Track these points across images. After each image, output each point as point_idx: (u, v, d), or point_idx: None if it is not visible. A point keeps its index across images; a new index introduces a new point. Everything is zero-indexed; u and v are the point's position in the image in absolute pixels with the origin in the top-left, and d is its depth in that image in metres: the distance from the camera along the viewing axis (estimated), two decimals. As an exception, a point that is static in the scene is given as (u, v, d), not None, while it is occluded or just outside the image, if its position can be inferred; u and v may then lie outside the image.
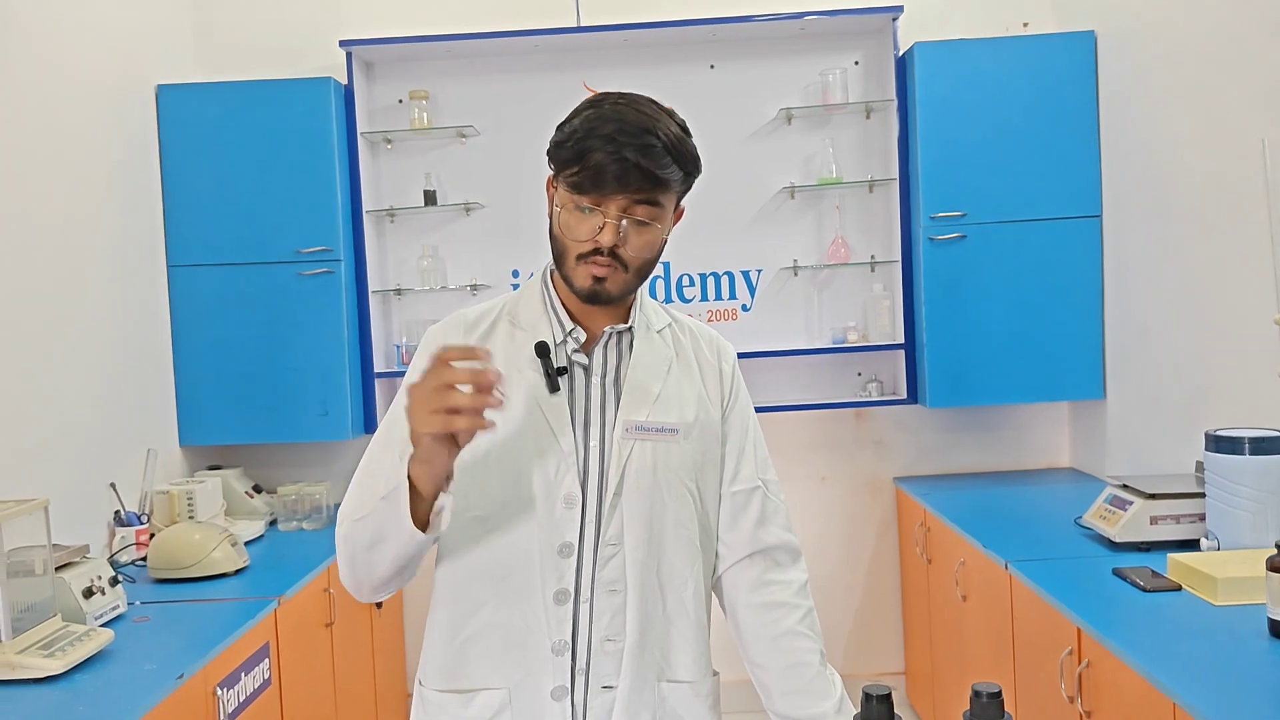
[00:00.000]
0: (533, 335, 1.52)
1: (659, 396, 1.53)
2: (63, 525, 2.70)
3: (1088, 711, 2.25)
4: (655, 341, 1.57)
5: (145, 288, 3.54)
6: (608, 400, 1.52)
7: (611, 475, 1.49)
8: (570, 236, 1.46)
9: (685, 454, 1.53)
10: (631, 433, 1.50)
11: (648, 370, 1.54)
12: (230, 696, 2.41)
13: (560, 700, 1.46)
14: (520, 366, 1.51)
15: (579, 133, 1.43)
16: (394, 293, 3.98)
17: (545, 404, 1.49)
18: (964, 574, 3.13)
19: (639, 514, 1.49)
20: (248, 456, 3.93)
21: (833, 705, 1.55)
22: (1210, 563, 2.33)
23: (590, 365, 1.54)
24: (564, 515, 1.47)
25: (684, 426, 1.53)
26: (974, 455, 4.05)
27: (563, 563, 1.47)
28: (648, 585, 1.49)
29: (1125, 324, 3.50)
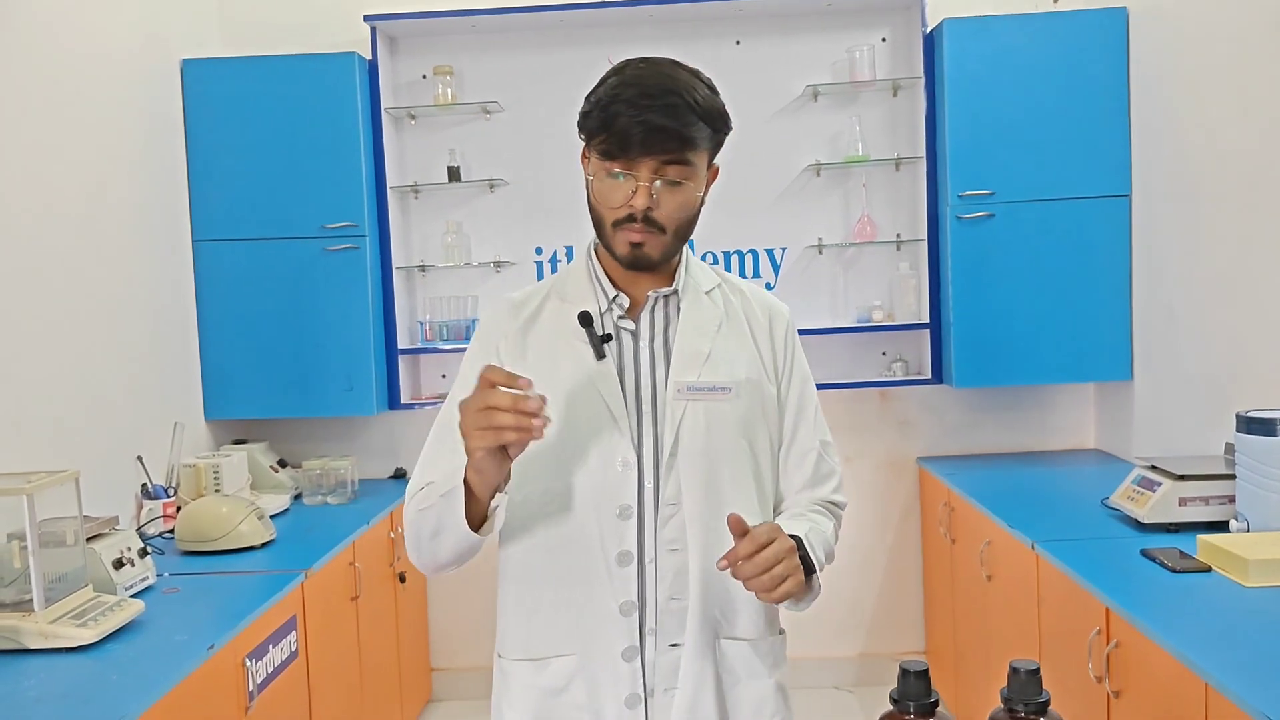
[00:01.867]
0: (578, 307, 1.55)
1: (709, 356, 1.54)
2: (91, 498, 2.71)
3: (1116, 691, 2.24)
4: (703, 302, 1.58)
5: (171, 262, 3.55)
6: (658, 363, 1.54)
7: (666, 437, 1.50)
8: (604, 204, 1.49)
9: (739, 413, 1.54)
10: (683, 393, 1.51)
11: (696, 331, 1.55)
12: (259, 668, 2.43)
13: (631, 661, 1.49)
14: (568, 339, 1.53)
15: (603, 100, 1.45)
16: (418, 269, 3.98)
17: (594, 372, 1.51)
18: (989, 554, 3.12)
19: (695, 473, 1.50)
20: (273, 431, 3.95)
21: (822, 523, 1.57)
22: (1240, 544, 2.31)
23: (638, 330, 1.55)
24: (621, 478, 1.49)
25: (735, 385, 1.54)
26: (999, 436, 4.03)
27: (623, 525, 1.49)
28: (709, 543, 1.49)
29: (1154, 305, 3.46)
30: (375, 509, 3.50)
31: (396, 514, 3.67)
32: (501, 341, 1.57)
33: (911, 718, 1.21)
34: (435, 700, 4.12)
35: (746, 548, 1.35)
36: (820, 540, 1.52)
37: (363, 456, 3.99)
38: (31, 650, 2.13)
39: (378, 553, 3.48)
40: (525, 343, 1.56)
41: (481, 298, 3.97)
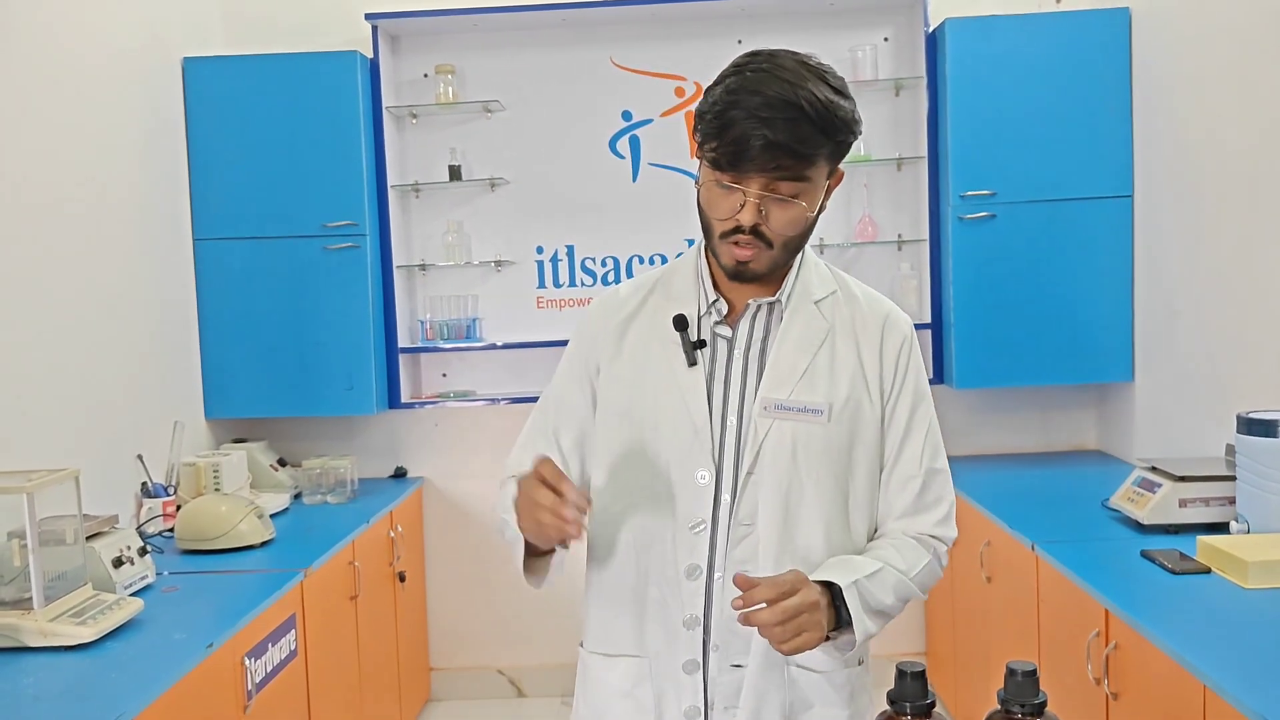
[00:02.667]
0: (679, 306, 1.51)
1: (805, 373, 1.47)
2: (91, 496, 2.71)
3: (1115, 693, 2.24)
4: (810, 313, 1.50)
5: (171, 260, 3.55)
6: (749, 375, 1.48)
7: (747, 454, 1.45)
8: (712, 214, 1.43)
9: (831, 437, 1.46)
10: (770, 411, 1.45)
11: (796, 345, 1.48)
12: (258, 667, 2.43)
13: (692, 674, 1.48)
14: (663, 341, 1.50)
15: (719, 104, 1.36)
16: (419, 268, 3.98)
17: (682, 378, 1.47)
18: (989, 555, 3.11)
19: (774, 495, 1.45)
20: (273, 430, 3.95)
21: (899, 564, 1.46)
22: (1240, 546, 2.31)
23: (733, 338, 1.50)
24: (697, 492, 1.46)
25: (830, 408, 1.46)
26: (999, 437, 4.02)
27: (695, 538, 1.46)
28: (781, 567, 1.43)
29: (1156, 306, 3.46)
30: (375, 508, 3.50)
31: (396, 513, 3.67)
32: (600, 335, 1.56)
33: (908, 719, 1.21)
34: (434, 700, 4.12)
35: (767, 591, 1.30)
36: (885, 585, 1.43)
37: (362, 456, 3.99)
38: (31, 648, 2.13)
39: (377, 552, 3.48)
40: (622, 341, 1.54)
41: (482, 297, 3.97)
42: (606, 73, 3.83)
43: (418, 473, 4.08)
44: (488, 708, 3.98)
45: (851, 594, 1.39)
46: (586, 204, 3.86)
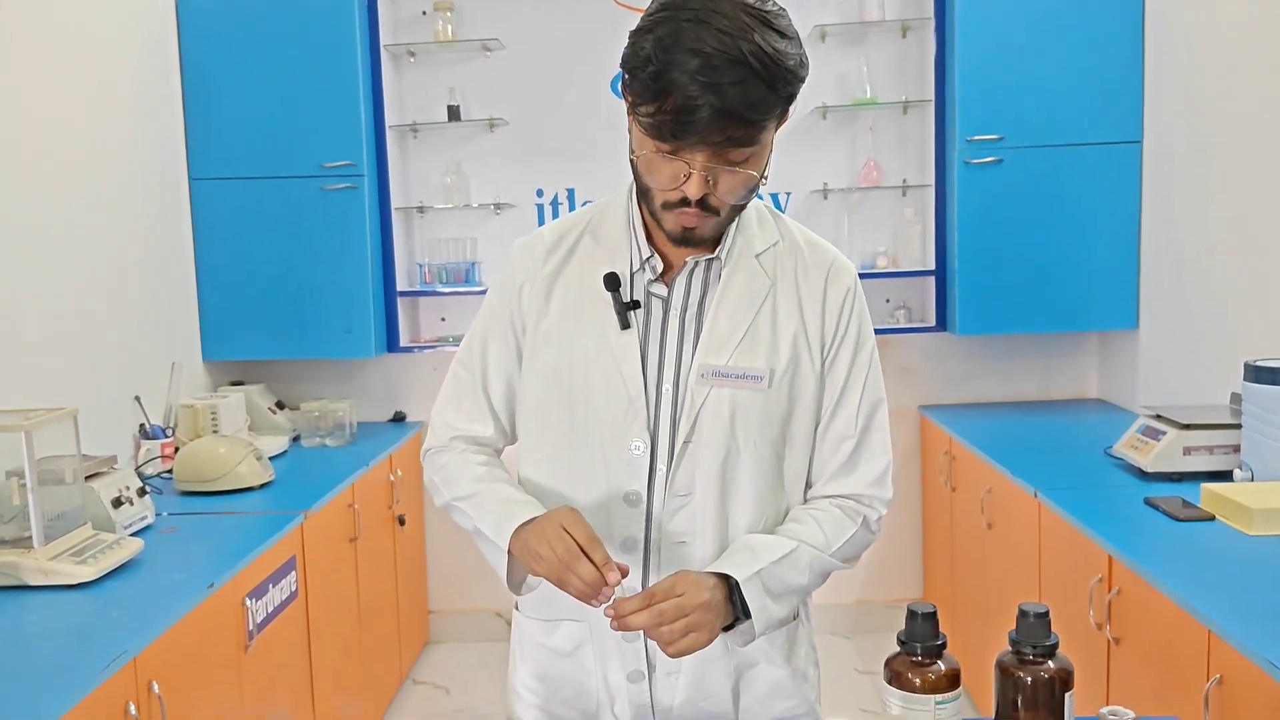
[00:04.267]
0: (610, 258, 1.41)
1: (745, 337, 1.37)
2: (89, 437, 2.69)
3: (1116, 638, 2.24)
4: (751, 270, 1.40)
5: (167, 201, 3.50)
6: (686, 338, 1.39)
7: (683, 423, 1.37)
8: (651, 183, 1.30)
9: (770, 404, 1.38)
10: (708, 378, 1.37)
11: (735, 305, 1.38)
12: (259, 607, 2.43)
13: (633, 641, 1.44)
14: (594, 300, 1.40)
15: (654, 63, 1.19)
16: (417, 210, 3.93)
17: (615, 342, 1.38)
18: (990, 502, 3.11)
19: (711, 466, 1.38)
20: (271, 372, 3.93)
21: (819, 540, 1.39)
22: (1245, 493, 2.30)
23: (669, 297, 1.40)
24: (630, 463, 1.38)
25: (771, 374, 1.38)
26: (1002, 385, 4.01)
27: (630, 511, 1.39)
28: (718, 537, 1.39)
29: (1162, 253, 3.42)
30: (374, 452, 3.48)
31: (396, 457, 3.66)
32: (526, 285, 1.44)
33: (919, 659, 1.20)
34: (433, 642, 4.15)
35: (634, 603, 1.24)
36: (799, 566, 1.36)
37: (361, 399, 3.97)
38: (31, 587, 2.12)
39: (377, 495, 3.48)
40: (551, 293, 1.43)
41: (481, 240, 3.92)
42: (608, 12, 3.74)
43: (417, 417, 4.06)
44: (486, 650, 4.00)
45: (751, 586, 1.32)
46: (587, 146, 3.79)
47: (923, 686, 1.19)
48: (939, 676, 1.19)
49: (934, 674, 1.19)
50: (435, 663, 3.99)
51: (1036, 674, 1.20)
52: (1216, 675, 1.79)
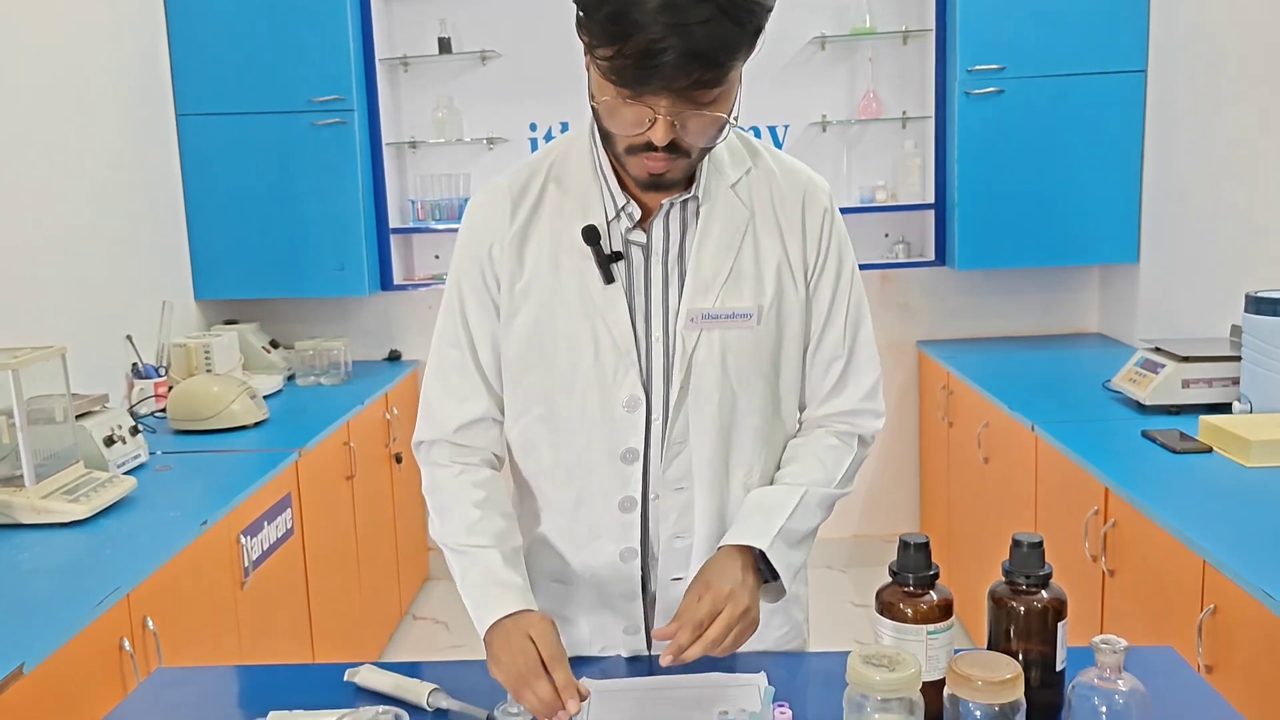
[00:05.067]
0: (582, 208, 1.33)
1: (730, 275, 1.33)
2: (80, 377, 2.68)
3: (1111, 570, 2.24)
4: (728, 203, 1.35)
5: (154, 138, 3.45)
6: (671, 283, 1.34)
7: (676, 371, 1.33)
8: (613, 128, 1.22)
9: (760, 340, 1.35)
10: (697, 322, 1.32)
11: (718, 244, 1.33)
12: (254, 544, 2.43)
13: (632, 601, 1.42)
14: (570, 249, 1.33)
15: (611, 2, 1.12)
16: (408, 145, 3.87)
17: (599, 297, 1.32)
18: (987, 436, 3.10)
19: (706, 410, 1.34)
20: (264, 311, 3.90)
21: (821, 477, 1.38)
22: (1243, 425, 2.29)
23: (649, 243, 1.34)
24: (626, 420, 1.34)
25: (759, 310, 1.34)
26: (1000, 320, 3.98)
27: (627, 469, 1.36)
28: (715, 479, 1.37)
29: (1165, 184, 3.38)
30: (369, 390, 3.47)
31: (392, 395, 3.65)
32: (495, 245, 1.34)
33: (911, 589, 1.19)
34: (432, 579, 4.17)
35: (686, 636, 1.20)
36: (809, 510, 1.36)
37: (356, 338, 3.95)
38: (24, 525, 2.11)
39: (373, 434, 3.47)
40: (523, 250, 1.34)
41: (474, 176, 3.87)
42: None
43: (412, 355, 4.04)
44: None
45: (775, 551, 1.31)
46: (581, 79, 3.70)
47: (914, 617, 1.18)
48: (931, 607, 1.18)
49: (926, 604, 1.18)
50: (435, 599, 4.02)
51: (1029, 604, 1.19)
52: (1210, 605, 1.79)
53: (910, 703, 1.04)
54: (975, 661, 1.06)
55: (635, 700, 1.27)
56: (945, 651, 1.18)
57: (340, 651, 3.00)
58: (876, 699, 1.04)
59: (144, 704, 1.32)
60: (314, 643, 2.80)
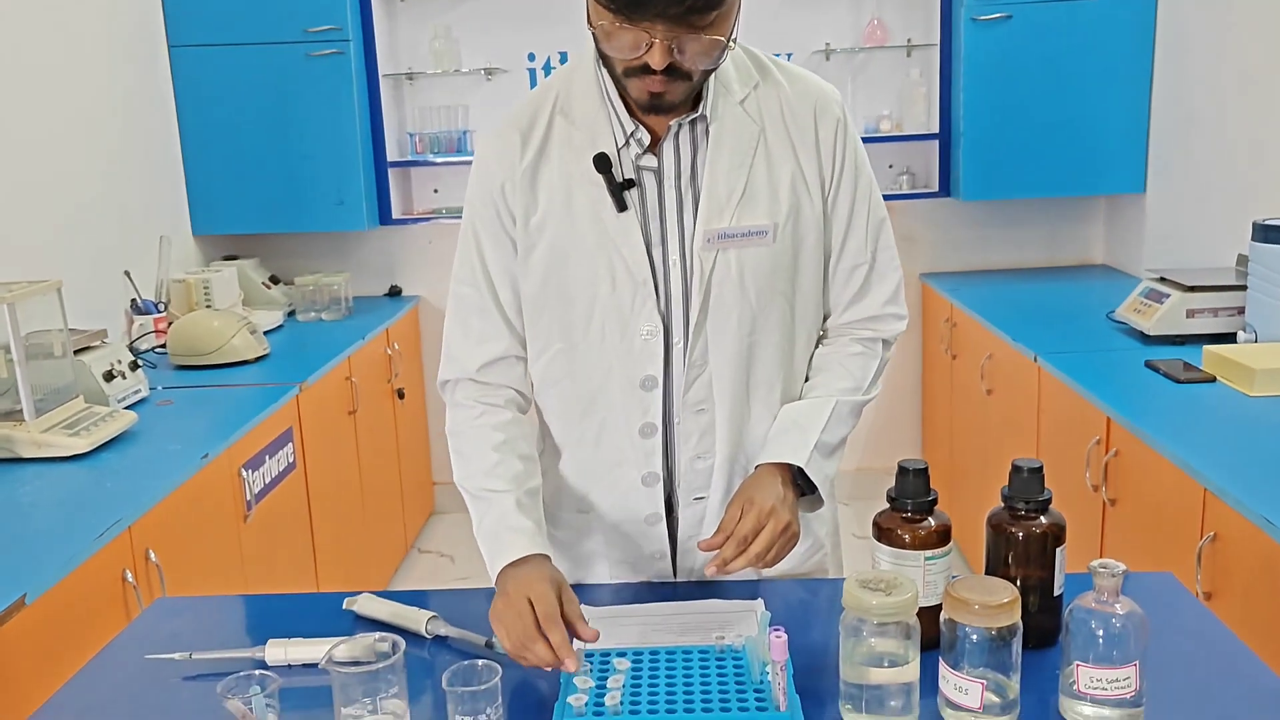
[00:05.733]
0: (590, 138, 1.32)
1: (744, 193, 1.32)
2: (80, 313, 2.67)
3: (1112, 499, 2.24)
4: (737, 120, 1.32)
5: (146, 68, 3.39)
6: (685, 205, 1.32)
7: (695, 295, 1.32)
8: (611, 52, 1.22)
9: (778, 256, 1.34)
10: (714, 242, 1.31)
11: (730, 161, 1.31)
12: (256, 478, 2.43)
13: (655, 525, 1.42)
14: (582, 180, 1.32)
15: None
16: (405, 76, 3.81)
17: (613, 227, 1.31)
18: (990, 368, 3.09)
19: (726, 330, 1.34)
20: (264, 246, 3.87)
21: (849, 385, 1.40)
22: (1247, 354, 2.28)
23: (660, 168, 1.33)
24: (645, 347, 1.34)
25: (775, 226, 1.32)
26: (1004, 251, 3.94)
27: (647, 396, 1.35)
28: (736, 400, 1.36)
29: (1174, 112, 3.32)
30: (370, 325, 3.46)
31: (393, 331, 3.64)
32: (507, 184, 1.34)
33: (909, 515, 1.18)
34: (438, 513, 4.20)
35: (731, 550, 1.23)
36: (840, 419, 1.37)
37: (357, 273, 3.92)
38: (25, 459, 2.12)
39: (375, 369, 3.47)
40: (535, 186, 1.34)
41: (472, 108, 3.81)
42: None
43: (413, 291, 4.02)
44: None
45: (813, 466, 1.33)
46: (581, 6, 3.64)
47: (912, 542, 1.17)
48: (929, 533, 1.18)
49: (924, 530, 1.18)
50: (440, 532, 4.04)
51: (1028, 529, 1.19)
52: (1210, 533, 1.79)
53: (907, 627, 1.04)
54: (972, 586, 1.06)
55: (634, 627, 1.28)
56: (943, 578, 1.18)
57: (345, 585, 3.02)
58: (873, 623, 1.04)
59: (142, 633, 1.33)
60: (319, 576, 2.83)
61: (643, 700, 1.05)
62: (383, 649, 1.11)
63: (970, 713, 1.04)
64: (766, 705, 1.04)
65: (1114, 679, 1.03)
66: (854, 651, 1.05)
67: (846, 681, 1.07)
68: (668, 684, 1.08)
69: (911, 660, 1.04)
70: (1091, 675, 1.04)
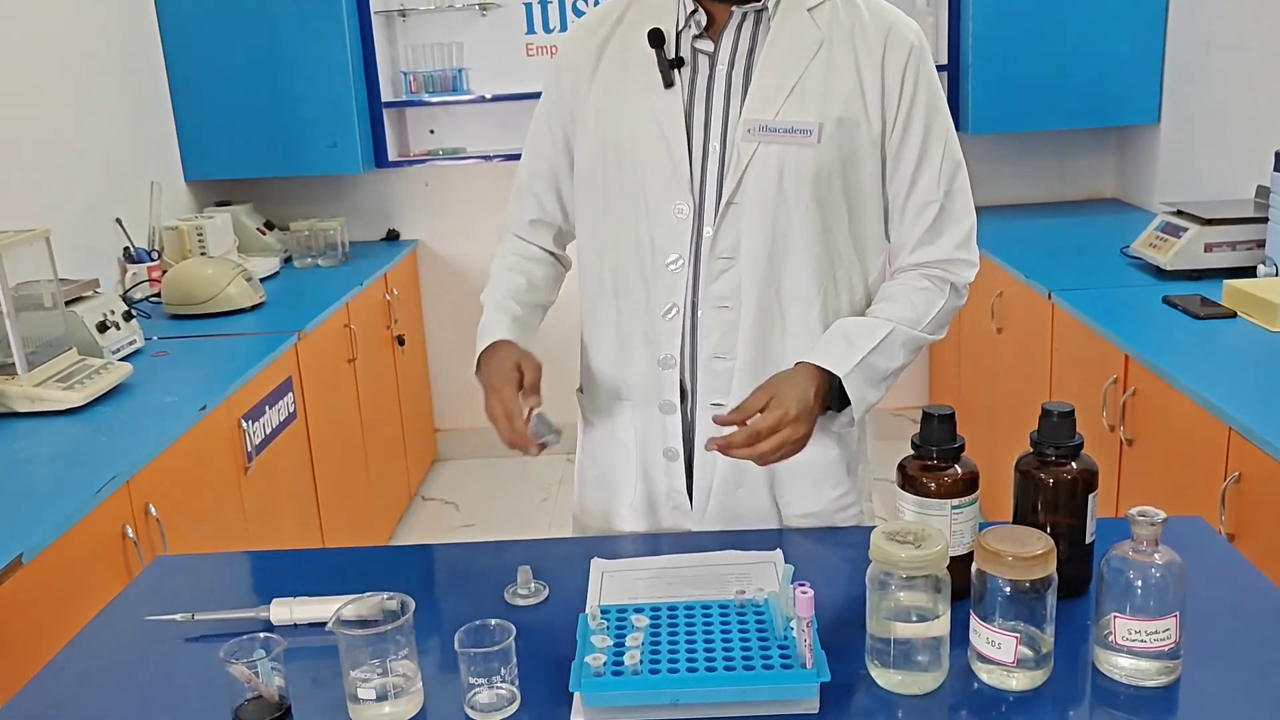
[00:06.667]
0: (656, 18, 1.35)
1: (795, 89, 1.31)
2: (70, 262, 2.61)
3: (1130, 439, 2.20)
4: (803, 21, 1.32)
5: (132, 11, 3.28)
6: (734, 94, 1.33)
7: (729, 182, 1.32)
8: None
9: (821, 161, 1.31)
10: (755, 133, 1.31)
11: (784, 57, 1.32)
12: (256, 429, 2.39)
13: (669, 414, 1.42)
14: (640, 63, 1.36)
15: None
16: (398, 14, 3.70)
17: (658, 102, 1.34)
18: (1001, 306, 3.03)
19: (757, 226, 1.33)
20: (257, 192, 3.79)
21: (911, 316, 1.36)
22: (1268, 288, 2.22)
23: (715, 53, 1.34)
24: (674, 226, 1.35)
25: (820, 127, 1.30)
26: (1014, 187, 3.86)
27: (672, 278, 1.36)
28: (765, 303, 1.35)
29: (1189, 39, 3.22)
30: (368, 271, 3.39)
31: (391, 276, 3.58)
32: (567, 71, 1.42)
33: (934, 462, 1.14)
34: (441, 460, 4.17)
35: (741, 439, 1.25)
36: (894, 348, 1.34)
37: (352, 218, 3.84)
38: (18, 414, 2.07)
39: (373, 316, 3.41)
40: (596, 69, 1.40)
41: (467, 45, 3.71)
42: None
43: (411, 235, 3.95)
44: (495, 465, 4.02)
45: (852, 381, 1.31)
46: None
47: (938, 490, 1.13)
48: (955, 480, 1.13)
49: (950, 478, 1.13)
50: (443, 480, 4.02)
51: (1059, 475, 1.14)
52: (1235, 473, 1.75)
53: (936, 580, 1.00)
54: (1004, 536, 1.01)
55: (649, 579, 1.24)
56: (969, 526, 1.14)
57: (349, 535, 3.00)
58: (901, 576, 1.00)
59: (143, 593, 1.29)
60: (322, 524, 2.80)
61: (663, 659, 1.01)
62: (391, 607, 1.07)
63: (1004, 667, 1.01)
64: (792, 663, 1.00)
65: (1153, 630, 0.99)
66: (880, 605, 1.01)
67: (873, 636, 1.03)
68: (688, 641, 1.04)
69: (942, 614, 1.00)
70: (1129, 627, 1.00)
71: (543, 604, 1.21)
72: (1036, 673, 1.01)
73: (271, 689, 0.99)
